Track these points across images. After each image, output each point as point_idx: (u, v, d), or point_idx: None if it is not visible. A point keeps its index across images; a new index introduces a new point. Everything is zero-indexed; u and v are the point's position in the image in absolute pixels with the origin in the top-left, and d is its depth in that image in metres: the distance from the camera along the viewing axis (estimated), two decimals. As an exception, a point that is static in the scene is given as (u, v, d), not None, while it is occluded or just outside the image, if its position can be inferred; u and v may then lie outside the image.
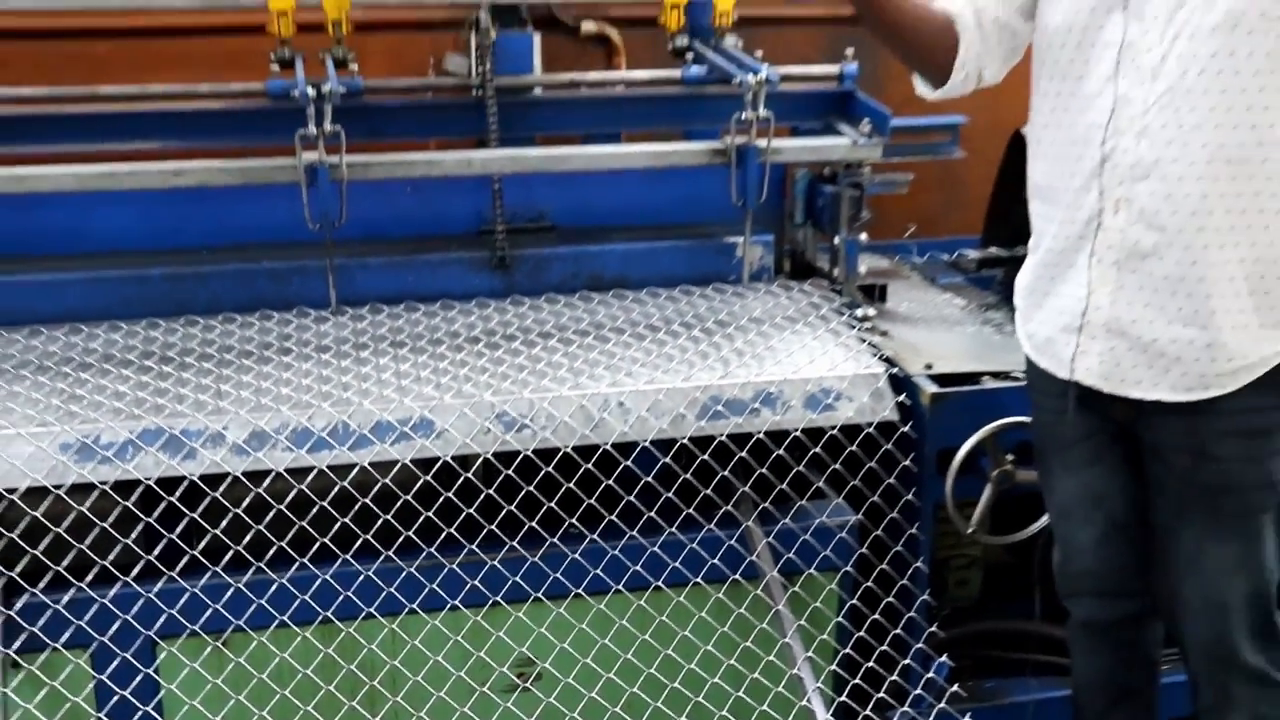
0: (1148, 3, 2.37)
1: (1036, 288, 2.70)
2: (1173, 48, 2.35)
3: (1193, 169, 2.37)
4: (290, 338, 3.36)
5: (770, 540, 3.19)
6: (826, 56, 3.94)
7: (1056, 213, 2.59)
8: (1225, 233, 2.39)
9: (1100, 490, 2.74)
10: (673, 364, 3.23)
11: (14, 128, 3.45)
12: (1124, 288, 2.49)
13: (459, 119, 3.71)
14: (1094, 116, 2.47)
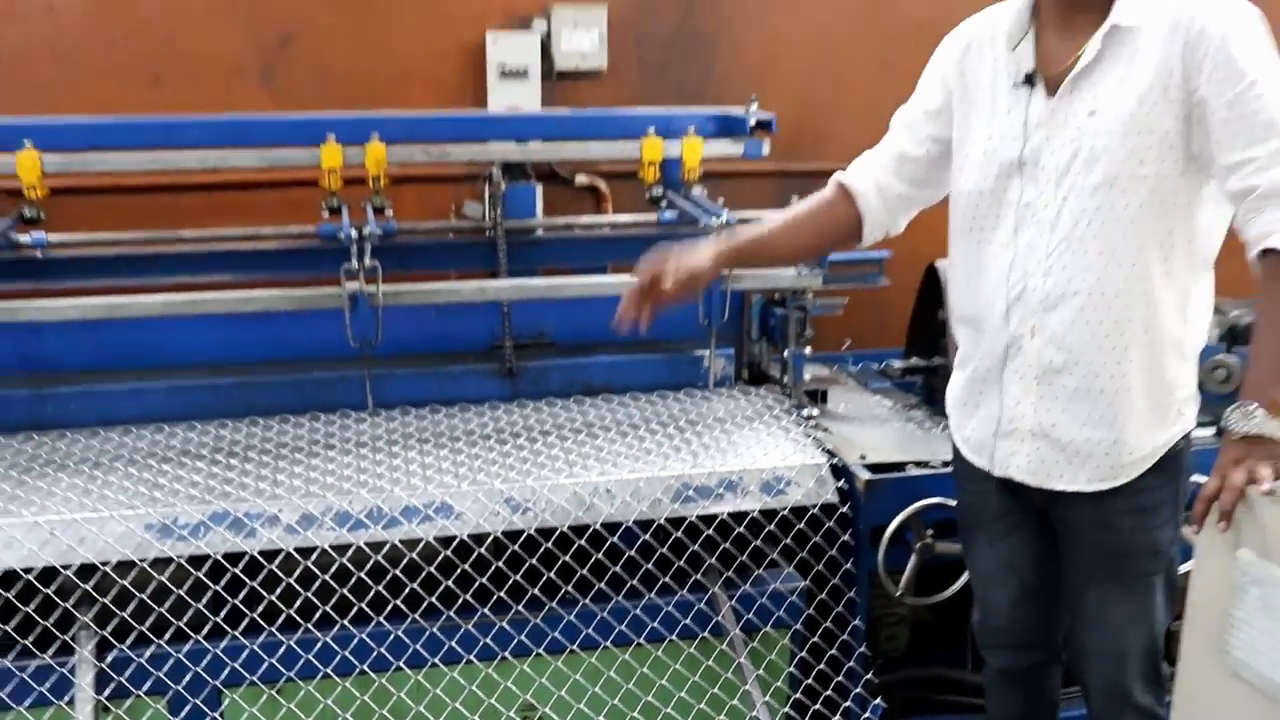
0: (1040, 170, 2.43)
1: (968, 399, 2.71)
2: (1064, 205, 2.41)
3: (1090, 300, 2.41)
4: (334, 435, 3.36)
5: (733, 604, 3.18)
6: (776, 202, 3.97)
7: (982, 338, 2.61)
8: (1120, 350, 2.43)
9: (1014, 560, 2.74)
10: (651, 456, 3.23)
11: (117, 265, 3.51)
12: (1043, 398, 2.52)
13: (475, 254, 3.75)
14: (1005, 261, 2.51)
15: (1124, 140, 2.34)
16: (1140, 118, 2.33)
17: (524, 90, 4.44)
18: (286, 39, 4.32)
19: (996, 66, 2.55)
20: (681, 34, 4.70)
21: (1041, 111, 2.44)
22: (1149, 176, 2.34)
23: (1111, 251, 2.39)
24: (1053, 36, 2.47)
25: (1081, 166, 2.38)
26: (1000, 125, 2.51)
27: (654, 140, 3.68)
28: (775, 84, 4.75)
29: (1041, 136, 2.44)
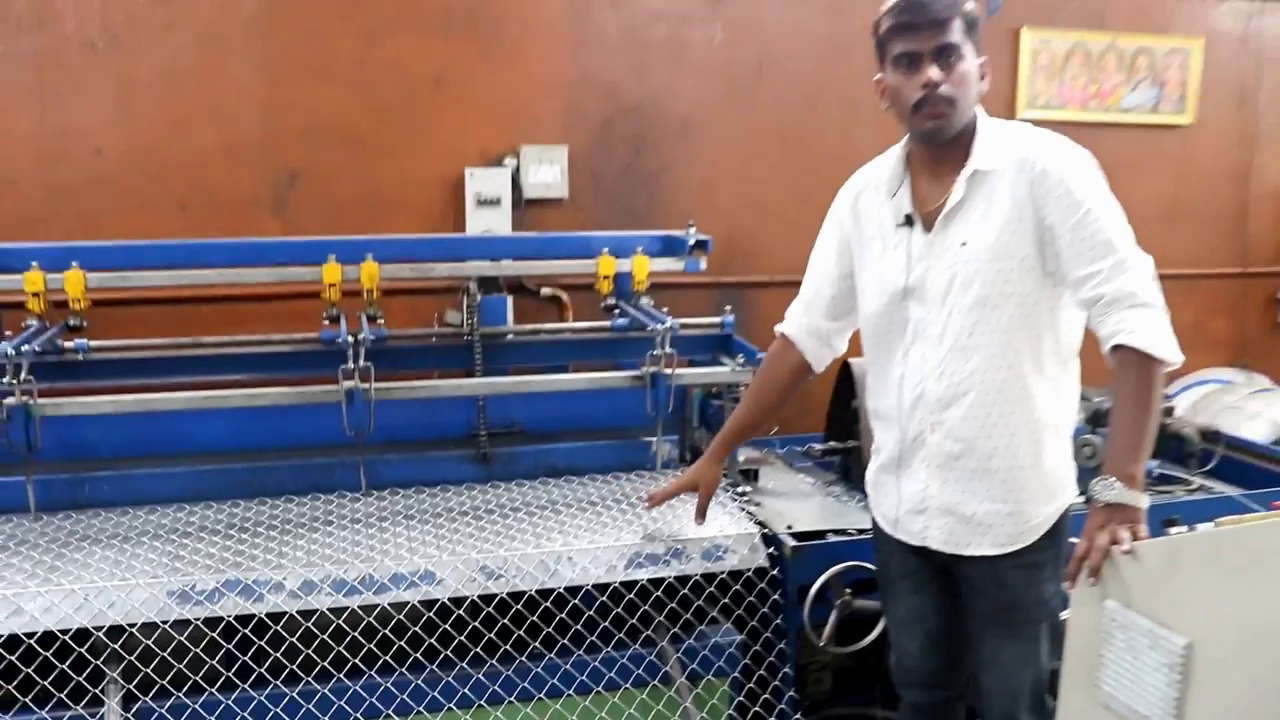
0: (926, 293, 2.52)
1: (884, 481, 2.74)
2: (949, 321, 2.50)
3: (977, 398, 2.49)
4: (332, 513, 3.36)
5: (679, 656, 3.18)
6: (713, 310, 4.04)
7: (893, 430, 2.66)
8: (1006, 436, 2.50)
9: (923, 611, 2.76)
10: (607, 529, 3.24)
11: (146, 366, 3.50)
12: (947, 481, 2.57)
13: (455, 356, 3.75)
14: (905, 369, 2.59)
15: (990, 265, 2.44)
16: (1002, 246, 2.43)
17: (497, 216, 4.50)
18: (295, 175, 4.38)
19: (882, 210, 2.64)
20: (631, 170, 4.79)
21: (921, 245, 2.53)
22: (1015, 293, 2.44)
23: (990, 357, 2.47)
24: (924, 182, 2.57)
25: (959, 289, 2.47)
26: (889, 259, 2.60)
27: (608, 258, 3.74)
28: (710, 211, 4.82)
29: (924, 266, 2.52)
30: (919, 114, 2.45)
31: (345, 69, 4.40)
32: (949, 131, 2.47)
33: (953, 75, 2.42)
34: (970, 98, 2.48)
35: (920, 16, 2.40)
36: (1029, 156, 2.43)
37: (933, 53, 2.41)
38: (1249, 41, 5.83)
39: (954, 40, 2.41)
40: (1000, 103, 5.33)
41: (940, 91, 2.41)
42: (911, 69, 2.43)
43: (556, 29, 4.64)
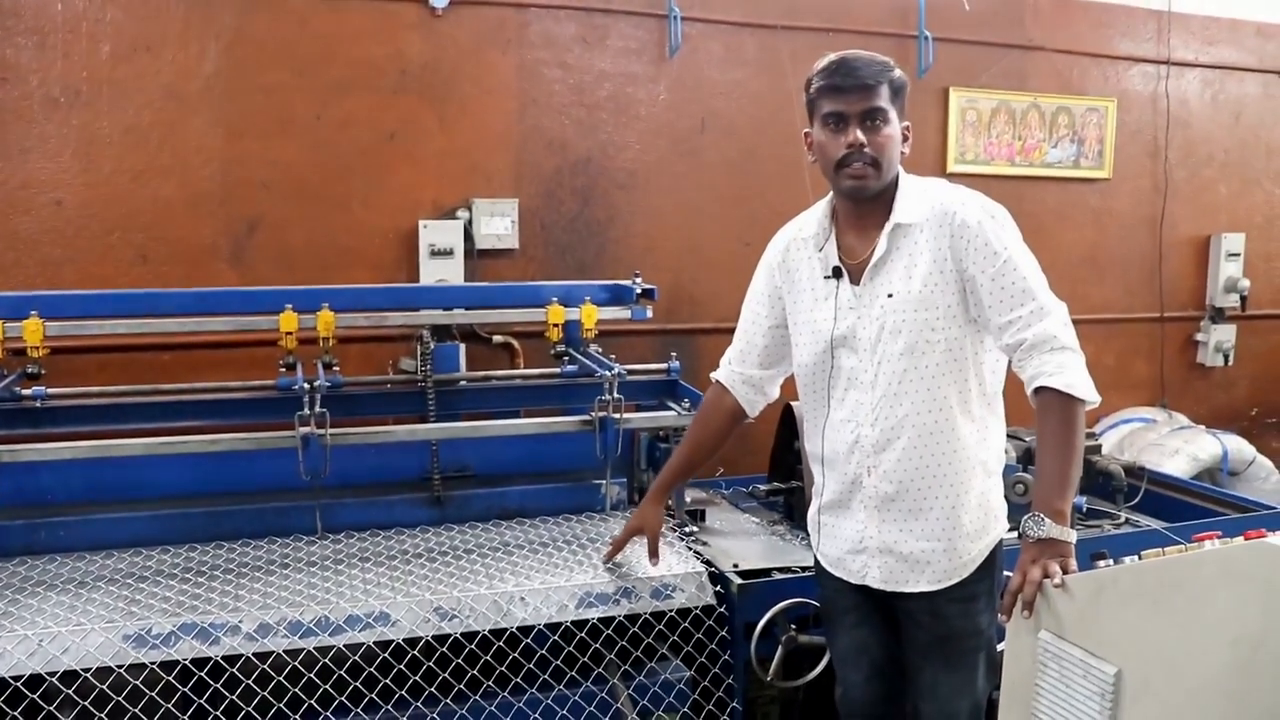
0: (858, 342, 2.52)
1: (824, 523, 2.71)
2: (879, 369, 2.50)
3: (910, 442, 2.50)
4: (289, 556, 3.29)
5: (630, 692, 3.14)
6: (659, 356, 4.04)
7: (833, 474, 2.64)
8: (939, 477, 2.51)
9: (865, 644, 2.73)
10: (558, 569, 3.20)
11: (103, 413, 3.45)
12: (885, 521, 2.56)
13: (409, 402, 3.72)
14: (840, 415, 2.58)
15: (916, 314, 2.46)
16: (926, 296, 2.45)
17: (450, 266, 4.48)
18: (252, 226, 4.34)
19: (811, 262, 2.64)
20: (579, 221, 4.80)
21: (849, 296, 2.54)
22: (940, 340, 2.46)
23: (920, 401, 2.48)
24: (850, 236, 2.58)
25: (888, 338, 2.48)
26: (820, 310, 2.60)
27: (557, 307, 3.74)
28: (656, 261, 4.86)
29: (854, 317, 2.53)
30: (842, 172, 2.47)
31: (302, 125, 4.38)
32: (869, 191, 2.48)
33: (877, 137, 2.44)
34: (893, 159, 2.50)
35: (849, 80, 2.43)
36: (948, 210, 2.46)
37: (859, 115, 2.44)
38: (1158, 101, 5.98)
39: (880, 105, 2.44)
40: (931, 157, 5.41)
41: (865, 151, 2.43)
42: (838, 129, 2.46)
43: (507, 87, 4.65)
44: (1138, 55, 5.93)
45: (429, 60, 4.53)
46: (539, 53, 4.69)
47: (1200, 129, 6.15)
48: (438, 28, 4.53)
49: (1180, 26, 5.99)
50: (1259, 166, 6.34)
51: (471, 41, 4.59)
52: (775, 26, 5.05)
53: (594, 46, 4.78)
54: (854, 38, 5.21)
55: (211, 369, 3.99)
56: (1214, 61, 6.14)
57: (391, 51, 4.48)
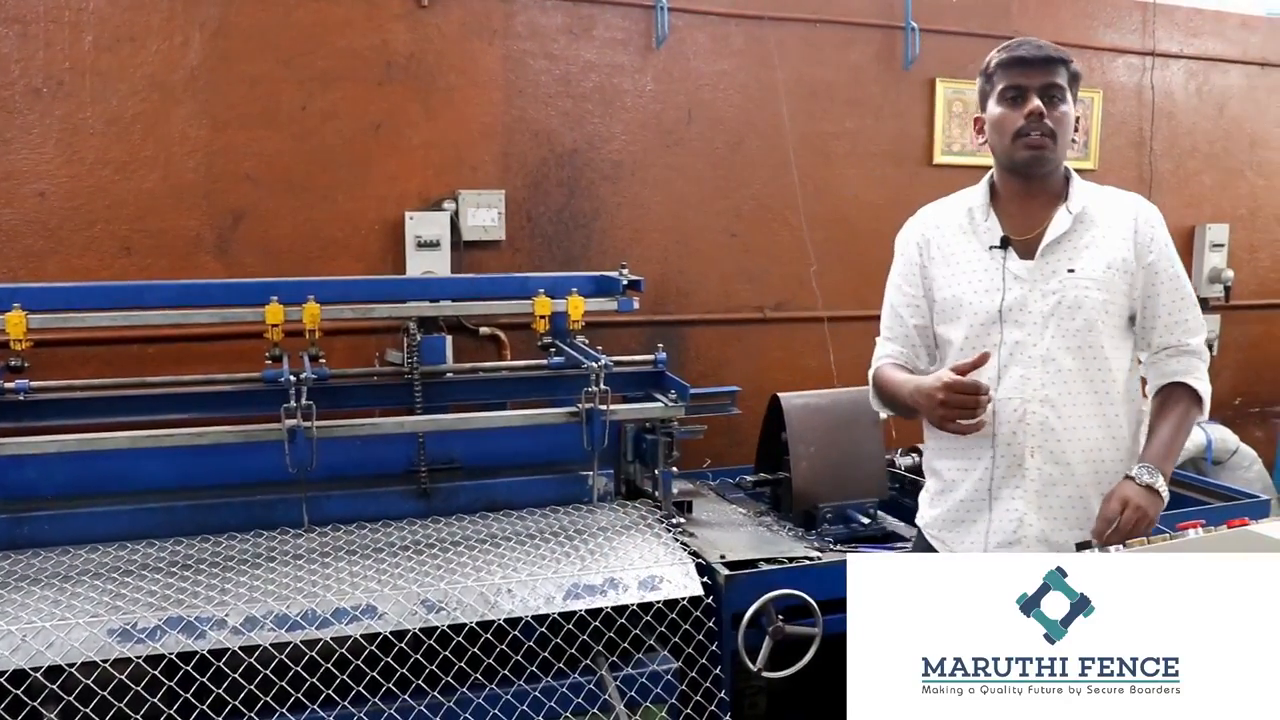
0: (1027, 315, 2.45)
1: (962, 519, 2.55)
2: (1052, 343, 2.44)
3: (1081, 422, 2.45)
4: (275, 549, 3.27)
5: (617, 683, 3.12)
6: (645, 348, 4.03)
7: (978, 463, 2.50)
8: (1096, 465, 2.46)
9: None
10: (546, 561, 3.20)
11: (88, 406, 3.42)
12: (1042, 508, 2.46)
13: (396, 394, 3.71)
14: (1001, 392, 2.45)
15: (1099, 293, 2.44)
16: (1109, 278, 2.45)
17: (436, 258, 4.46)
18: (238, 218, 4.31)
19: (967, 236, 2.56)
20: (566, 212, 4.78)
21: (1020, 268, 2.47)
22: (1110, 324, 2.46)
23: (1089, 382, 2.45)
24: (1014, 211, 2.53)
25: (1066, 312, 2.44)
26: (982, 281, 2.51)
27: (544, 299, 3.72)
28: (643, 252, 4.84)
29: (1023, 289, 2.46)
30: (1019, 142, 2.45)
31: (288, 115, 4.35)
32: (1045, 163, 2.47)
33: (1055, 112, 2.44)
34: (1067, 139, 2.49)
35: (1033, 53, 2.45)
36: (1131, 206, 2.53)
37: (1039, 89, 2.44)
38: (1143, 92, 5.99)
39: (1060, 82, 2.46)
40: (918, 148, 5.41)
41: (1044, 122, 2.43)
42: (1017, 102, 2.45)
43: (493, 78, 4.63)
44: (1123, 46, 5.93)
45: (415, 51, 4.50)
46: (525, 43, 4.67)
47: (1185, 120, 6.16)
48: (423, 18, 4.50)
49: (1165, 18, 5.99)
50: (1242, 157, 6.35)
51: (457, 32, 4.56)
52: (762, 17, 5.03)
53: (580, 37, 4.76)
54: (841, 29, 5.21)
55: (197, 362, 3.96)
56: (1198, 53, 6.14)
57: (377, 42, 4.45)
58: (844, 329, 5.07)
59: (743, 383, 4.20)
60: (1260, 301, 6.44)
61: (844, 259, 5.10)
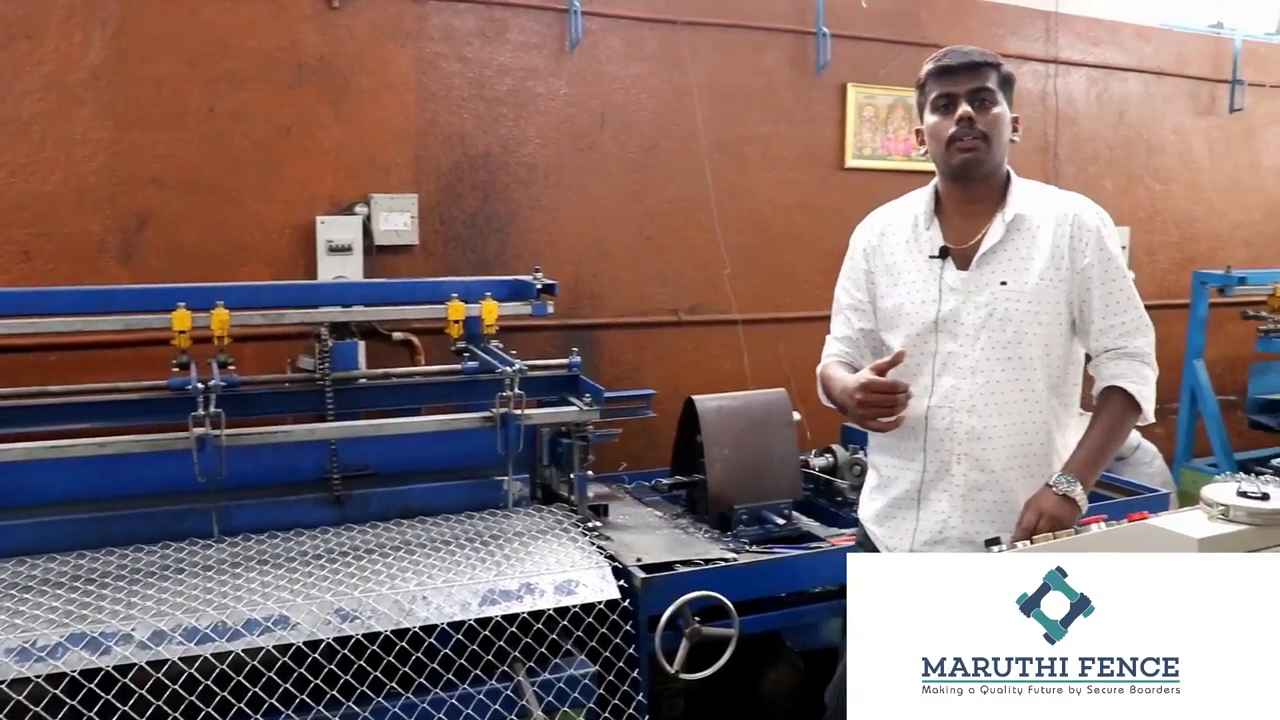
0: (960, 326, 2.52)
1: (894, 516, 2.67)
2: (981, 355, 2.51)
3: (1007, 432, 2.52)
4: (184, 561, 3.21)
5: (535, 689, 3.11)
6: (560, 352, 4.02)
7: (911, 464, 2.60)
8: (1028, 471, 2.54)
9: None
10: (461, 567, 3.18)
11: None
12: (969, 510, 2.55)
13: (308, 401, 3.66)
14: (928, 402, 2.54)
15: (1030, 305, 2.49)
16: (1041, 289, 2.50)
17: (349, 262, 4.41)
18: (143, 222, 4.21)
19: (910, 244, 2.62)
20: (479, 216, 4.75)
21: (955, 279, 2.53)
22: (1043, 335, 2.51)
23: (1019, 392, 2.51)
24: (955, 221, 2.59)
25: (996, 325, 2.50)
26: (920, 291, 2.57)
27: (457, 303, 3.71)
28: (557, 255, 4.83)
29: (957, 300, 2.52)
30: (953, 148, 2.50)
31: (194, 117, 4.26)
32: (981, 165, 2.52)
33: (986, 115, 2.50)
34: (1003, 140, 2.54)
35: (959, 60, 2.51)
36: (1068, 210, 2.56)
37: (967, 94, 2.49)
38: (1047, 99, 6.13)
39: (989, 85, 2.51)
40: (830, 153, 5.47)
41: (975, 126, 2.48)
42: (948, 109, 2.51)
43: (405, 81, 4.58)
44: (1028, 54, 6.07)
45: (325, 53, 4.44)
46: (438, 46, 4.63)
47: (1087, 126, 6.32)
48: (334, 20, 4.45)
49: (1066, 27, 6.15)
50: (1141, 163, 6.55)
51: (368, 34, 4.51)
52: (675, 22, 5.06)
53: (493, 40, 4.74)
54: (753, 34, 5.25)
55: (101, 370, 3.85)
56: (1098, 61, 6.32)
57: (286, 43, 4.38)
58: (758, 331, 5.12)
59: (658, 386, 4.22)
60: (1159, 302, 6.60)
61: (757, 262, 5.14)
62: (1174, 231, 6.73)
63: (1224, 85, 6.73)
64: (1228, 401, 6.09)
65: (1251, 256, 6.91)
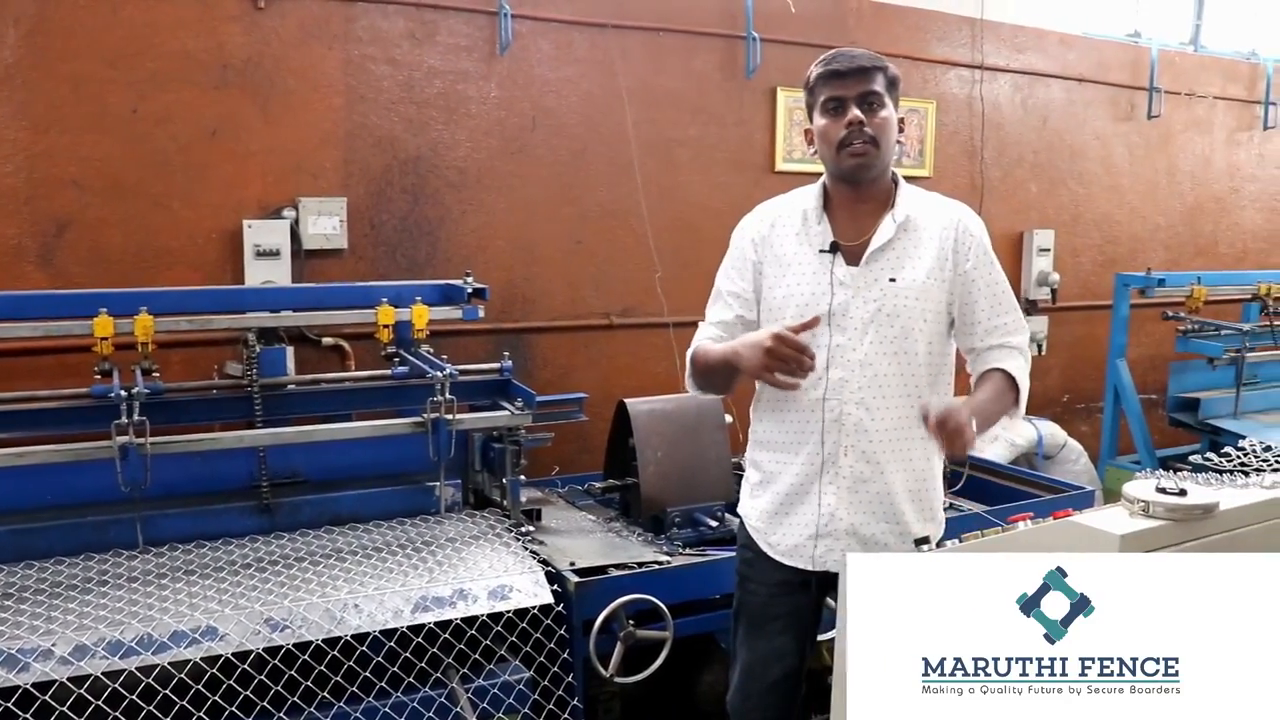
0: (849, 320, 2.55)
1: (778, 512, 2.67)
2: (870, 349, 2.55)
3: (892, 425, 2.57)
4: (107, 573, 3.15)
5: (469, 696, 3.10)
6: (492, 356, 4.01)
7: (795, 458, 2.62)
8: (904, 463, 2.60)
9: (783, 652, 2.71)
10: (393, 574, 3.16)
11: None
12: (852, 504, 2.58)
13: (236, 407, 3.60)
14: (818, 394, 2.56)
15: (916, 302, 2.55)
16: (927, 288, 2.56)
17: (277, 267, 4.35)
18: (63, 227, 4.11)
19: (799, 238, 2.63)
20: (410, 220, 4.71)
21: (845, 274, 2.56)
22: (926, 332, 2.57)
23: (903, 386, 2.57)
24: (843, 219, 2.62)
25: (885, 320, 2.54)
26: (810, 285, 2.59)
27: (387, 308, 3.68)
28: (488, 259, 4.81)
29: (847, 294, 2.55)
30: (843, 152, 2.53)
31: (116, 119, 4.17)
32: (870, 170, 2.55)
33: (875, 119, 2.52)
34: (891, 142, 2.57)
35: (847, 65, 2.52)
36: (953, 215, 2.63)
37: (856, 98, 2.51)
38: (973, 104, 6.23)
39: (877, 89, 2.53)
40: (760, 156, 5.51)
41: (865, 130, 2.50)
42: (838, 112, 2.53)
43: (333, 83, 4.53)
44: (954, 60, 6.16)
45: (252, 54, 4.37)
46: (366, 48, 4.59)
47: (1012, 131, 6.43)
48: (260, 21, 4.38)
49: (991, 34, 6.25)
50: (1064, 167, 6.68)
51: (296, 35, 4.45)
52: (605, 25, 5.05)
53: (423, 42, 4.70)
54: (684, 37, 5.27)
55: (19, 378, 3.75)
56: (1023, 67, 6.43)
57: (212, 44, 4.31)
58: (689, 334, 5.07)
59: (590, 389, 4.22)
60: (1083, 303, 6.77)
61: (688, 264, 5.15)
62: (1096, 234, 6.88)
63: (1142, 92, 6.90)
64: (1149, 400, 6.23)
65: (1170, 259, 7.09)
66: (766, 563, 2.71)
